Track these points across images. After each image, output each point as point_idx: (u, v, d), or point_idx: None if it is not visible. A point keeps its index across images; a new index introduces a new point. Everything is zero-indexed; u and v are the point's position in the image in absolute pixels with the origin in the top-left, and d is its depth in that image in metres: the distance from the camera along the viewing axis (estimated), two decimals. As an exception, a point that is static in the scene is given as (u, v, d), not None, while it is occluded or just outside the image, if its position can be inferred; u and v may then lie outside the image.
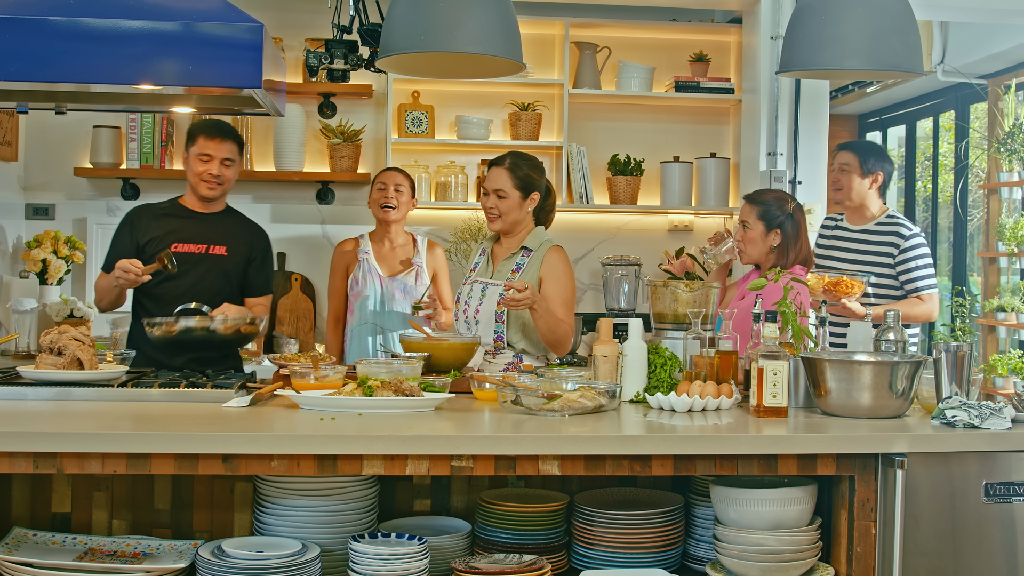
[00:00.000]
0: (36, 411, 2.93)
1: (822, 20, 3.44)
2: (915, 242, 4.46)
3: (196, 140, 4.03)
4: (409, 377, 3.19)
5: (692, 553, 3.10)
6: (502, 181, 3.90)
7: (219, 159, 4.01)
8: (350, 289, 4.85)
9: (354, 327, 4.84)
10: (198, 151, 4.01)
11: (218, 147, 4.00)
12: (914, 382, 3.00)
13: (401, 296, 4.81)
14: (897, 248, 4.45)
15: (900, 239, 4.46)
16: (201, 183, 4.03)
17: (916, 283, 4.43)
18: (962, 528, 2.81)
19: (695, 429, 2.82)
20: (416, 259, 4.91)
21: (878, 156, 4.57)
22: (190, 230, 4.05)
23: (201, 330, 3.60)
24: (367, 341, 4.82)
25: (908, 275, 4.44)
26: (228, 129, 4.06)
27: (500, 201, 3.91)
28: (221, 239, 4.08)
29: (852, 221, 4.64)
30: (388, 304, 4.80)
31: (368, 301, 4.81)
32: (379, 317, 4.82)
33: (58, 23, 3.13)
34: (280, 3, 5.79)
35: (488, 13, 3.19)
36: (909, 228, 4.49)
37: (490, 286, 3.91)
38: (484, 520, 3.04)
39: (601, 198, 6.10)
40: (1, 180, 5.51)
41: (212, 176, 4.02)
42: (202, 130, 4.04)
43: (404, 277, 4.86)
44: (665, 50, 6.19)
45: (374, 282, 4.82)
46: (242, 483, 3.11)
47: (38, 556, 2.80)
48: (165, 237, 4.01)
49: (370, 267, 4.84)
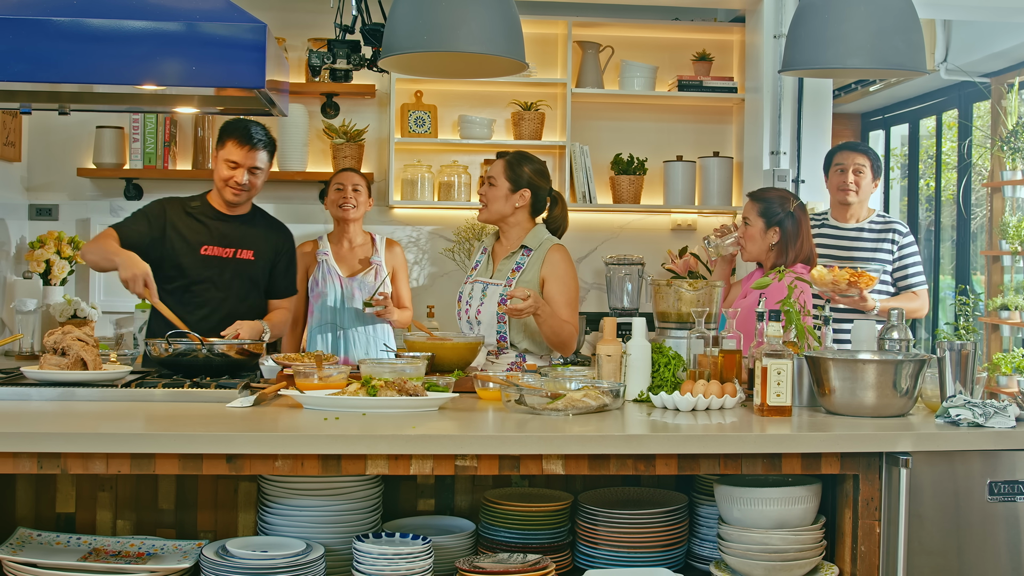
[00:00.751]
0: (40, 411, 2.93)
1: (825, 19, 3.43)
2: (910, 240, 4.60)
3: (225, 144, 3.93)
4: (413, 377, 3.19)
5: (696, 552, 3.09)
6: (496, 170, 3.92)
7: (247, 167, 3.92)
8: (310, 290, 4.88)
9: (313, 327, 4.86)
10: (226, 156, 3.92)
11: (246, 156, 3.91)
12: (918, 381, 3.00)
13: (360, 295, 4.82)
14: (896, 244, 4.57)
15: (898, 236, 4.58)
16: (227, 188, 3.94)
17: (911, 279, 4.56)
18: (966, 527, 2.81)
19: (699, 428, 2.82)
20: (375, 258, 4.94)
21: (879, 160, 4.69)
22: (218, 233, 3.99)
23: (196, 354, 3.41)
24: (327, 340, 4.84)
25: (904, 271, 4.57)
26: (260, 136, 3.95)
27: (489, 189, 3.91)
28: (248, 243, 4.02)
29: (841, 219, 4.68)
30: (348, 303, 4.82)
31: (327, 300, 4.83)
32: (338, 316, 4.84)
33: (61, 24, 3.13)
34: (283, 3, 5.80)
35: (491, 12, 3.19)
36: (904, 226, 4.63)
37: (491, 286, 3.90)
38: (488, 520, 3.04)
39: (604, 197, 6.10)
40: (5, 181, 5.51)
41: (238, 184, 3.93)
42: (232, 134, 3.93)
43: (363, 276, 4.88)
44: (668, 49, 6.18)
45: (333, 282, 4.84)
46: (246, 483, 3.11)
47: (42, 556, 2.80)
48: (193, 236, 3.94)
49: (329, 268, 4.87)
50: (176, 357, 3.36)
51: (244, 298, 3.99)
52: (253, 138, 3.93)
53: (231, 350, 3.42)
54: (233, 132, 3.93)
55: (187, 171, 5.75)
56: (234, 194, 3.95)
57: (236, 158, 3.91)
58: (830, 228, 4.68)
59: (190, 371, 3.36)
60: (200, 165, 5.74)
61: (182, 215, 3.98)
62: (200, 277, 3.91)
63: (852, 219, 4.65)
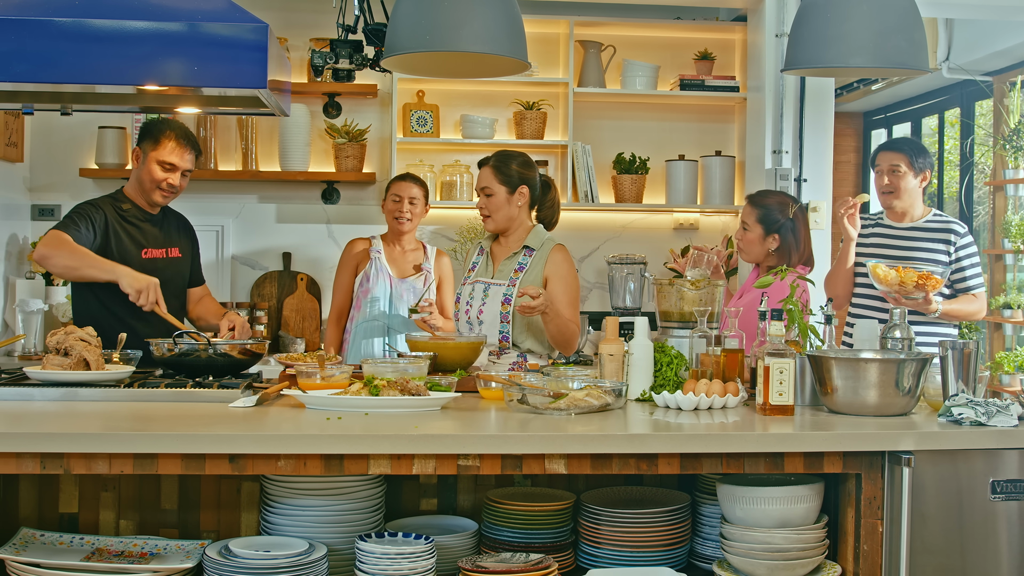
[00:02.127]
0: (43, 412, 2.93)
1: (827, 18, 3.43)
2: (968, 240, 4.37)
3: (161, 143, 3.86)
4: (415, 376, 3.19)
5: (699, 551, 3.10)
6: (487, 179, 3.91)
7: (182, 170, 3.90)
8: (359, 286, 4.89)
9: (359, 324, 4.86)
10: (163, 157, 3.86)
11: (183, 157, 3.88)
12: (920, 380, 3.00)
13: (408, 297, 4.84)
14: (953, 246, 4.34)
15: (956, 236, 4.35)
16: (157, 190, 3.89)
17: (968, 281, 4.33)
18: (969, 526, 2.81)
19: (701, 427, 2.82)
20: (426, 264, 4.96)
21: (923, 152, 4.43)
22: (152, 234, 3.97)
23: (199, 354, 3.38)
24: (372, 339, 4.85)
25: (962, 273, 4.34)
26: (193, 138, 3.94)
27: (488, 200, 3.91)
28: (173, 241, 4.03)
29: (896, 219, 4.46)
30: (396, 305, 4.84)
31: (378, 300, 4.84)
32: (387, 316, 4.85)
33: (63, 24, 3.13)
34: (285, 3, 5.80)
35: (493, 12, 3.19)
36: (962, 226, 4.40)
37: (492, 286, 3.90)
38: (491, 519, 3.04)
39: (606, 197, 6.10)
40: (7, 181, 5.51)
41: (170, 186, 3.89)
42: (171, 136, 3.87)
43: (414, 280, 4.90)
44: (670, 48, 6.18)
45: (384, 282, 4.84)
46: (249, 483, 3.11)
47: (46, 556, 2.81)
48: (133, 242, 3.89)
49: (381, 267, 4.87)
50: (179, 357, 3.36)
51: (179, 295, 4.00)
52: (191, 140, 3.91)
53: (234, 350, 3.42)
54: (170, 133, 3.88)
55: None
56: (163, 196, 3.92)
57: (174, 159, 3.87)
58: (884, 227, 4.47)
59: (193, 371, 3.37)
60: (202, 166, 5.74)
61: (119, 220, 3.90)
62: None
63: (906, 218, 4.43)
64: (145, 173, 3.90)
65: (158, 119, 4.00)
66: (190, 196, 5.27)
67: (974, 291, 4.34)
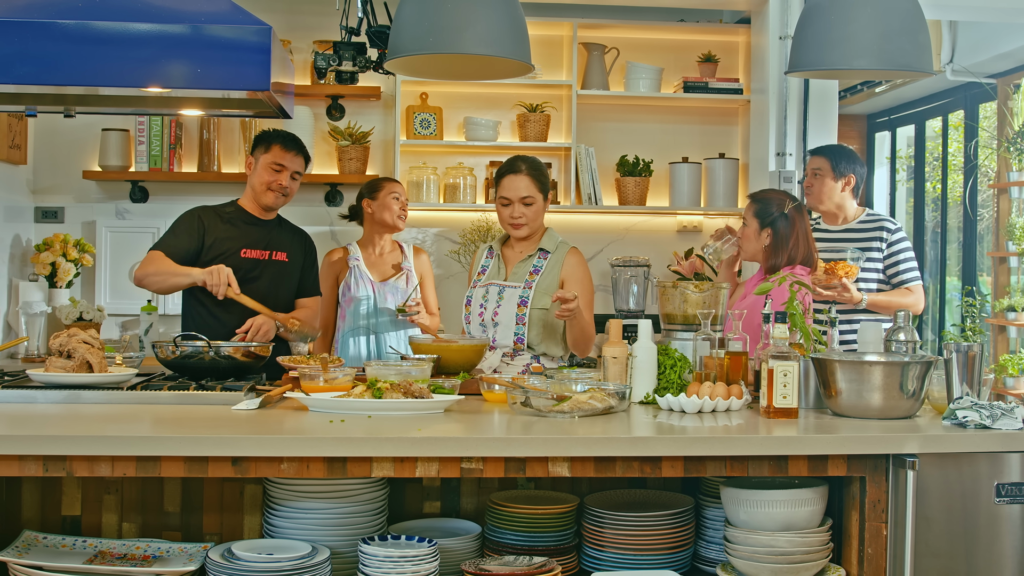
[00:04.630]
0: (46, 414, 2.93)
1: (831, 20, 3.43)
2: (900, 235, 4.57)
3: (271, 148, 4.06)
4: (418, 379, 3.19)
5: (702, 555, 3.09)
6: (527, 188, 3.88)
7: (291, 171, 4.07)
8: (342, 296, 4.87)
9: (345, 332, 4.85)
10: (272, 160, 4.05)
11: (292, 160, 4.07)
12: (925, 382, 2.99)
13: (393, 299, 4.83)
14: (885, 242, 4.53)
15: (887, 233, 4.55)
16: (268, 192, 4.07)
17: (903, 275, 4.51)
18: (973, 529, 2.80)
19: (705, 430, 2.81)
20: (405, 263, 4.94)
21: (849, 159, 4.62)
22: (254, 236, 4.10)
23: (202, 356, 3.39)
24: (361, 344, 4.84)
25: (896, 267, 4.52)
26: (301, 144, 4.12)
27: (528, 208, 3.89)
28: (281, 246, 4.15)
29: (830, 223, 4.68)
30: (380, 308, 4.83)
31: (361, 305, 4.83)
32: (371, 320, 4.84)
33: (66, 26, 3.13)
34: (288, 5, 5.80)
35: (496, 14, 3.18)
36: (894, 223, 4.60)
37: (508, 288, 3.90)
38: (494, 522, 3.04)
39: (610, 199, 6.10)
40: (10, 183, 5.52)
41: (280, 187, 4.06)
42: (279, 140, 4.07)
43: (395, 281, 4.88)
44: (673, 51, 6.18)
45: (366, 287, 4.83)
46: (252, 486, 3.11)
47: (48, 559, 2.81)
48: (232, 241, 4.04)
49: (361, 273, 4.86)
50: (182, 359, 3.36)
51: (279, 298, 4.08)
52: (298, 144, 4.10)
53: (237, 352, 3.41)
54: (279, 138, 4.09)
55: (192, 173, 5.75)
56: (275, 197, 4.09)
57: (284, 161, 4.06)
58: (821, 232, 4.67)
59: (196, 373, 3.36)
60: (206, 168, 5.75)
61: (218, 222, 4.08)
62: (241, 280, 3.92)
63: (839, 221, 4.65)
64: (257, 177, 4.10)
65: (269, 130, 4.19)
66: (193, 197, 5.28)
67: (908, 284, 4.51)
